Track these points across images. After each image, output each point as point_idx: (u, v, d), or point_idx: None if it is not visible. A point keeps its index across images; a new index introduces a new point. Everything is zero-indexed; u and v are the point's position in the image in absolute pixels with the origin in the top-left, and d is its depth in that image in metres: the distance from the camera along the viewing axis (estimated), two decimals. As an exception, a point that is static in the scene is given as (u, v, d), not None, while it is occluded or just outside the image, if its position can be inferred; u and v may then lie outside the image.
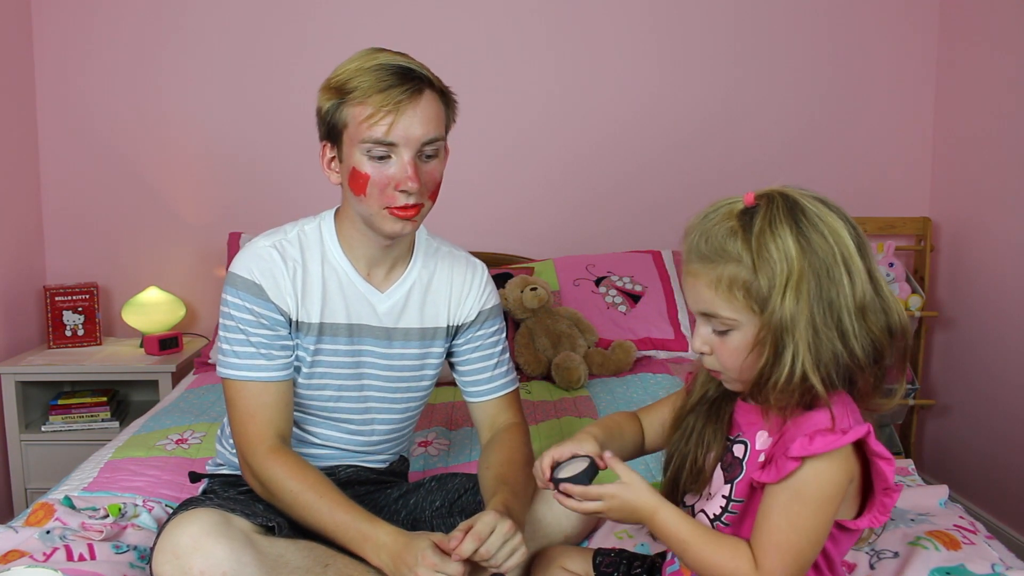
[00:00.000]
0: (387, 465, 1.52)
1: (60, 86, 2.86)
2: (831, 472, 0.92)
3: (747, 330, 0.94)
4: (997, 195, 2.60)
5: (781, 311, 0.90)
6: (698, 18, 2.92)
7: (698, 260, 0.96)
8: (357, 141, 1.25)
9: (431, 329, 1.43)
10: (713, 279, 0.94)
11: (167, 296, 2.76)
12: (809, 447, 0.90)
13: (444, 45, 2.89)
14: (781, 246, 0.90)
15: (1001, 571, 1.16)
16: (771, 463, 0.95)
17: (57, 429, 2.57)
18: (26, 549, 1.29)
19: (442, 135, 1.29)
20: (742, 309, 0.93)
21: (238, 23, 2.84)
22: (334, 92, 1.27)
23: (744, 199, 0.95)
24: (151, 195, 2.91)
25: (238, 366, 1.31)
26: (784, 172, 2.98)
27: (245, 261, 1.34)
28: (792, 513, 0.93)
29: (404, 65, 1.26)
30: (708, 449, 1.05)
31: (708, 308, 0.96)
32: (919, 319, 2.85)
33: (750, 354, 0.94)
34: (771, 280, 0.91)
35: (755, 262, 0.91)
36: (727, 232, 0.94)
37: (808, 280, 0.90)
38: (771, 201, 0.93)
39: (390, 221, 1.28)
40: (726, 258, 0.93)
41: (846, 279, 0.91)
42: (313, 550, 1.22)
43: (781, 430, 0.96)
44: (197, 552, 1.10)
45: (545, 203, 2.97)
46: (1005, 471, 2.55)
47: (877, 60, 2.94)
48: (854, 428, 0.92)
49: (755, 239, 0.91)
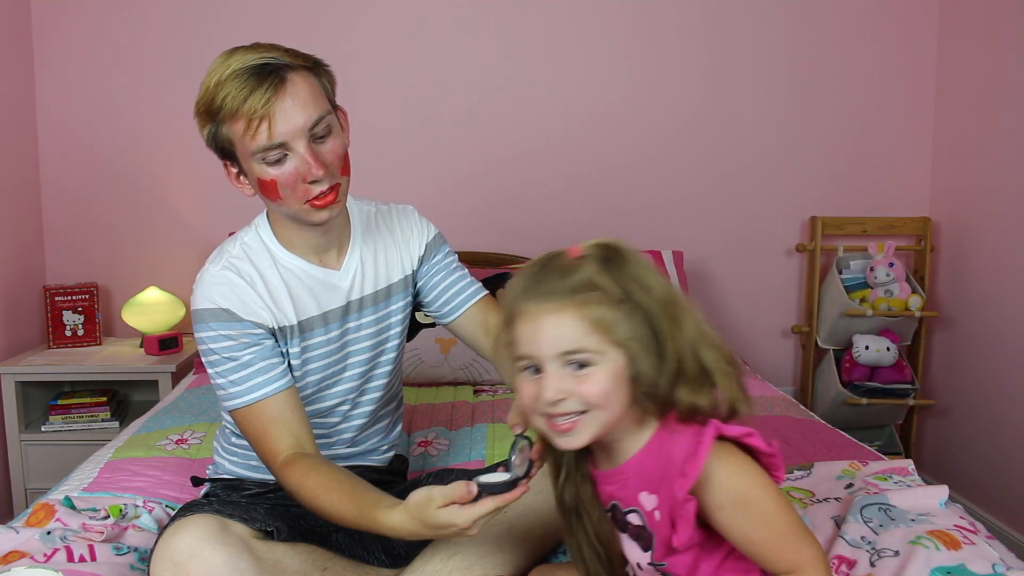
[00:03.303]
0: (387, 464, 1.52)
1: (60, 86, 2.86)
2: (731, 468, 0.94)
3: (609, 362, 0.94)
4: (997, 195, 2.60)
5: (669, 331, 0.94)
6: (699, 19, 2.92)
7: (549, 301, 0.94)
8: (248, 155, 1.24)
9: (392, 285, 1.45)
10: (575, 315, 0.93)
11: (167, 296, 2.76)
12: (687, 481, 0.92)
13: (444, 45, 2.89)
14: (647, 277, 0.96)
15: (1002, 571, 1.16)
16: (676, 520, 0.95)
17: (57, 429, 2.57)
18: (27, 550, 1.29)
19: (326, 110, 1.25)
20: (605, 342, 0.94)
21: (238, 23, 2.83)
22: (206, 117, 1.25)
23: (570, 252, 0.98)
24: (151, 195, 2.91)
25: (238, 394, 1.29)
26: (784, 172, 2.99)
27: (204, 292, 1.32)
28: (758, 518, 0.94)
29: (256, 63, 1.21)
30: (608, 543, 1.06)
31: (570, 346, 0.94)
32: (919, 319, 2.85)
33: (613, 386, 0.95)
34: (650, 308, 0.94)
35: (632, 294, 0.94)
36: (581, 266, 0.96)
37: (676, 302, 0.96)
38: (605, 247, 0.98)
39: (315, 212, 1.28)
40: (586, 290, 0.94)
41: (685, 313, 0.96)
42: (311, 554, 1.22)
43: (661, 481, 0.97)
44: (195, 559, 1.10)
45: (545, 203, 2.97)
46: (1005, 471, 2.55)
47: (877, 60, 2.94)
48: (704, 433, 0.94)
49: (624, 274, 0.95)
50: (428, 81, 2.90)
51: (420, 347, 2.43)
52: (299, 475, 1.22)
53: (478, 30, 2.91)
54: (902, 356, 2.85)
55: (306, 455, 1.26)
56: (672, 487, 0.94)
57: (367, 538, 1.37)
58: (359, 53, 2.88)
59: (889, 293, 2.81)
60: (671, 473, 0.95)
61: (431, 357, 2.43)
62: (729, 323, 3.03)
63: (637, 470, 1.00)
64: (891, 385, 2.79)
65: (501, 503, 1.03)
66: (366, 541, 1.37)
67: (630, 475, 1.01)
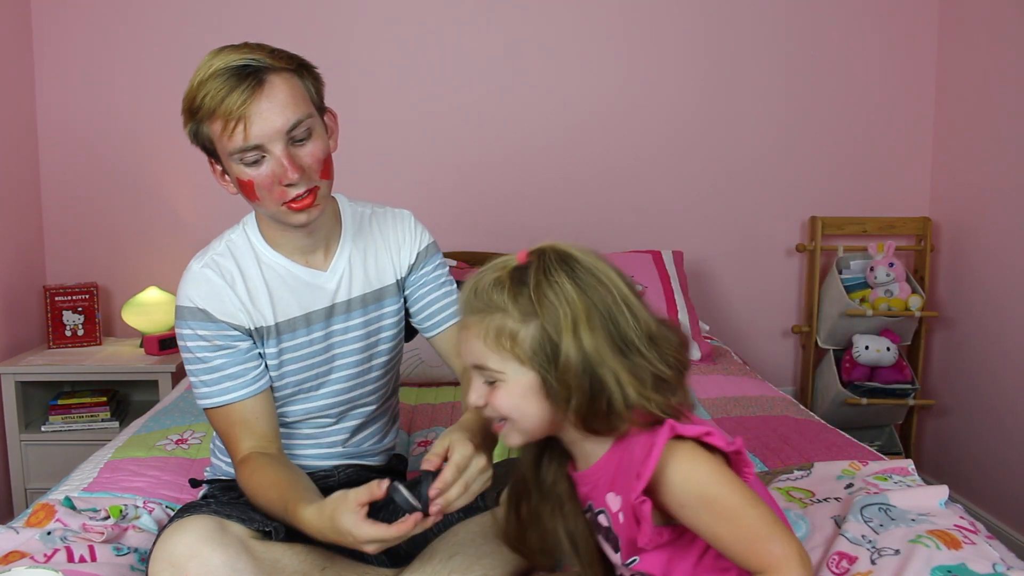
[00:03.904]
0: (385, 464, 1.52)
1: (60, 86, 2.86)
2: (690, 466, 0.93)
3: (515, 380, 0.96)
4: (997, 195, 2.60)
5: (580, 350, 0.92)
6: (699, 19, 2.92)
7: (468, 312, 0.99)
8: (227, 154, 1.24)
9: (382, 289, 1.44)
10: (481, 330, 0.97)
11: (167, 296, 2.76)
12: (640, 483, 0.92)
13: (443, 45, 2.89)
14: (560, 292, 0.94)
15: (1002, 571, 1.16)
16: (639, 519, 0.95)
17: (57, 429, 2.57)
18: (27, 550, 1.29)
19: (307, 113, 1.24)
20: (509, 359, 0.96)
21: (238, 23, 2.83)
22: (188, 115, 1.26)
23: (517, 257, 0.98)
24: (151, 195, 2.91)
25: (207, 394, 1.32)
26: (784, 172, 2.99)
27: (185, 290, 1.33)
28: (724, 514, 0.92)
29: (237, 64, 1.21)
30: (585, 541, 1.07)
31: (478, 360, 0.98)
32: (919, 319, 2.85)
33: (522, 402, 0.97)
34: (557, 325, 0.93)
35: (537, 311, 0.93)
36: (495, 283, 0.97)
37: (594, 315, 0.93)
38: (542, 255, 0.97)
39: (292, 215, 1.27)
40: (493, 308, 0.96)
41: (629, 315, 0.95)
42: (310, 553, 1.21)
43: (624, 483, 0.97)
44: (193, 559, 1.10)
45: (545, 203, 2.97)
46: (1005, 471, 2.55)
47: (877, 60, 2.94)
48: (658, 434, 0.93)
49: (533, 291, 0.94)
50: (427, 81, 2.90)
51: (420, 347, 2.43)
52: (247, 473, 1.26)
53: (478, 31, 2.91)
54: (902, 356, 2.85)
55: (263, 455, 1.28)
56: (630, 488, 0.94)
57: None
58: (358, 51, 2.88)
59: (889, 293, 2.81)
60: (631, 474, 0.95)
61: (431, 357, 2.43)
62: (729, 323, 3.03)
63: (604, 471, 1.01)
64: (891, 385, 2.79)
65: (396, 533, 1.03)
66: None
67: (599, 477, 1.02)
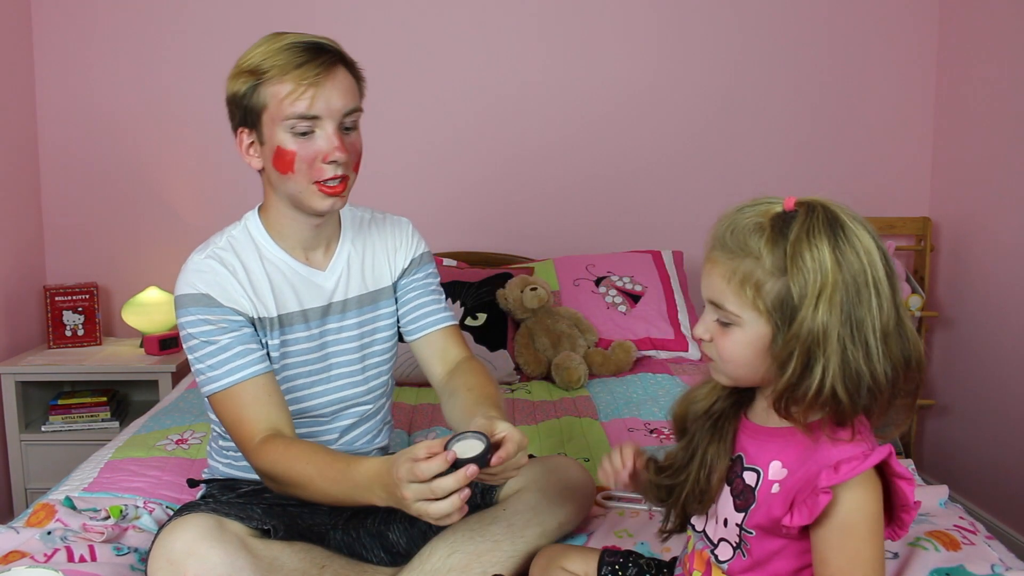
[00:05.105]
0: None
1: (60, 86, 2.86)
2: (868, 496, 0.92)
3: (749, 328, 0.94)
4: (997, 195, 2.60)
5: (812, 322, 0.88)
6: (699, 18, 2.92)
7: (719, 249, 0.96)
8: (279, 119, 1.26)
9: (378, 291, 1.46)
10: (728, 270, 0.94)
11: (167, 296, 2.76)
12: (835, 476, 0.90)
13: (456, 46, 2.89)
14: (817, 256, 0.88)
15: (1001, 572, 1.16)
16: (799, 503, 0.93)
17: (57, 429, 2.57)
18: (27, 550, 1.29)
19: (360, 106, 1.32)
20: (748, 307, 0.93)
21: (238, 23, 2.83)
22: (248, 75, 1.27)
23: (784, 203, 0.94)
24: (151, 195, 2.91)
25: (216, 378, 1.29)
26: (784, 171, 2.99)
27: (186, 279, 1.33)
28: (850, 550, 0.91)
29: (315, 41, 1.28)
30: (712, 470, 1.03)
31: (717, 298, 0.96)
32: (919, 319, 2.85)
33: (748, 351, 0.94)
34: (803, 289, 0.89)
35: (788, 268, 0.90)
36: (754, 228, 0.93)
37: (840, 294, 0.88)
38: (811, 210, 0.91)
39: (319, 198, 1.30)
40: (746, 253, 0.93)
41: (875, 301, 0.89)
42: (309, 552, 1.22)
43: (802, 463, 0.95)
44: (191, 558, 1.10)
45: (545, 203, 2.97)
46: (1005, 471, 2.55)
47: (877, 60, 2.94)
48: (876, 450, 0.92)
49: (791, 245, 0.90)
50: (438, 83, 2.90)
51: (420, 347, 2.43)
52: (279, 449, 1.21)
53: (489, 34, 2.90)
54: (902, 356, 2.85)
55: (284, 435, 1.26)
56: (814, 474, 0.92)
57: (365, 536, 1.37)
58: (370, 51, 2.85)
59: (889, 293, 2.81)
60: (818, 462, 0.92)
61: (431, 357, 2.42)
62: (729, 323, 3.03)
63: (784, 439, 0.98)
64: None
65: (454, 482, 1.02)
66: (364, 539, 1.37)
67: (774, 440, 0.99)
